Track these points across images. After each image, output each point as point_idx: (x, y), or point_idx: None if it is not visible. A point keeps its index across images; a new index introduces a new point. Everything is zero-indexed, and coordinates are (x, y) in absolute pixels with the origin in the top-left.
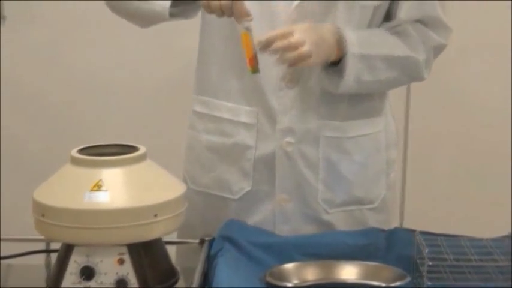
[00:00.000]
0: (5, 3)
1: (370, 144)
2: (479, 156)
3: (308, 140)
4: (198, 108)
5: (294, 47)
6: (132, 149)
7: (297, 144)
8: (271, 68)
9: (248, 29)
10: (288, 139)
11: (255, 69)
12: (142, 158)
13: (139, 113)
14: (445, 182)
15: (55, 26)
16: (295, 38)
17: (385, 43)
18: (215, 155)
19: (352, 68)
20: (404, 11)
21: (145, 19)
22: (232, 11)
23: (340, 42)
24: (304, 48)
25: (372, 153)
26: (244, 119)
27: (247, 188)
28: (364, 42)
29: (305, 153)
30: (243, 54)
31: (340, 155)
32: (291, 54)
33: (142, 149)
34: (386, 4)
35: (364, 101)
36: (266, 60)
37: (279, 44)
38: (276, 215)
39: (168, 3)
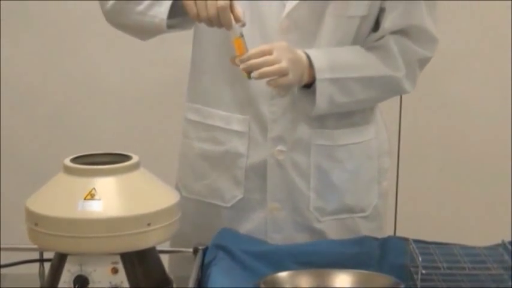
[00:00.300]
0: (1, 5)
1: (361, 152)
2: (473, 164)
3: (299, 148)
4: (191, 116)
5: (271, 63)
6: (125, 157)
7: (289, 153)
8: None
9: (241, 35)
10: (280, 147)
11: (250, 74)
12: (135, 166)
13: (133, 120)
14: (438, 190)
15: (52, 29)
16: (273, 55)
17: (359, 64)
18: (207, 162)
19: (322, 93)
20: (389, 21)
21: (144, 32)
22: (220, 21)
23: (310, 66)
24: (282, 64)
25: (364, 161)
26: (236, 127)
27: (239, 196)
28: (335, 66)
29: (296, 162)
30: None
31: (332, 163)
32: (269, 69)
33: (135, 158)
34: (374, 15)
35: (354, 111)
36: None
37: (257, 60)
38: (268, 224)
39: (165, 15)
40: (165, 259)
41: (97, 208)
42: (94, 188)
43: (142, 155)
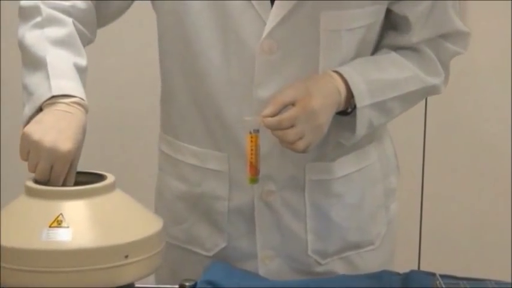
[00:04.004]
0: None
1: (363, 180)
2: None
3: (291, 186)
4: (164, 148)
5: (290, 142)
6: (99, 177)
7: (279, 192)
8: (242, 104)
9: (256, 132)
10: (268, 187)
11: (254, 179)
12: (110, 188)
13: (111, 138)
14: (468, 213)
15: None
16: (294, 132)
17: (400, 79)
18: (183, 204)
19: (363, 120)
20: (416, 35)
21: None
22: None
23: (347, 89)
24: (301, 144)
25: (367, 189)
26: (212, 165)
27: (223, 244)
28: (375, 88)
29: (289, 202)
30: (245, 158)
31: (330, 199)
32: (288, 147)
33: (110, 178)
34: (380, 20)
35: None
36: (236, 97)
37: (277, 133)
38: (260, 274)
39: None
40: None
41: (64, 237)
42: (61, 214)
43: (120, 176)
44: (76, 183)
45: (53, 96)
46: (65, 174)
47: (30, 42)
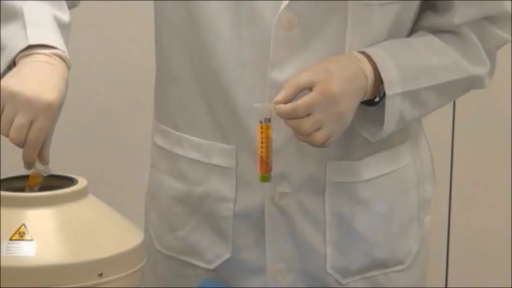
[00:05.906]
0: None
1: (394, 185)
2: None
3: (309, 188)
4: (159, 141)
5: (306, 134)
6: (69, 181)
7: (294, 195)
8: (254, 88)
9: (267, 121)
10: (282, 188)
11: (265, 177)
12: (82, 193)
13: (87, 131)
14: (498, 235)
15: None
16: (311, 122)
17: (437, 65)
18: (181, 206)
19: (392, 111)
20: (459, 15)
21: None
22: (23, 153)
23: (378, 77)
24: (319, 136)
25: (398, 197)
26: (216, 160)
27: (226, 256)
28: (408, 74)
29: (305, 207)
30: (255, 151)
31: (354, 206)
32: (304, 139)
33: (82, 182)
34: None
35: None
36: (247, 80)
37: (292, 122)
38: None
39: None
40: None
41: (28, 252)
42: (24, 224)
43: (101, 173)
44: (42, 188)
45: (30, 47)
46: (46, 133)
47: None
